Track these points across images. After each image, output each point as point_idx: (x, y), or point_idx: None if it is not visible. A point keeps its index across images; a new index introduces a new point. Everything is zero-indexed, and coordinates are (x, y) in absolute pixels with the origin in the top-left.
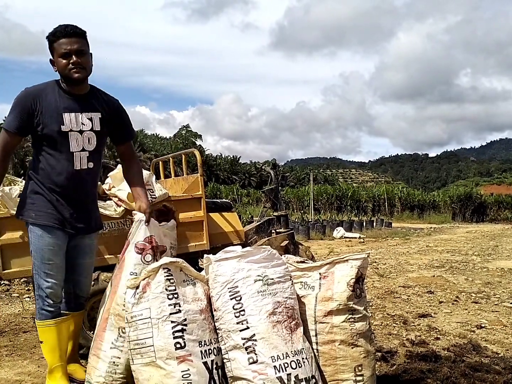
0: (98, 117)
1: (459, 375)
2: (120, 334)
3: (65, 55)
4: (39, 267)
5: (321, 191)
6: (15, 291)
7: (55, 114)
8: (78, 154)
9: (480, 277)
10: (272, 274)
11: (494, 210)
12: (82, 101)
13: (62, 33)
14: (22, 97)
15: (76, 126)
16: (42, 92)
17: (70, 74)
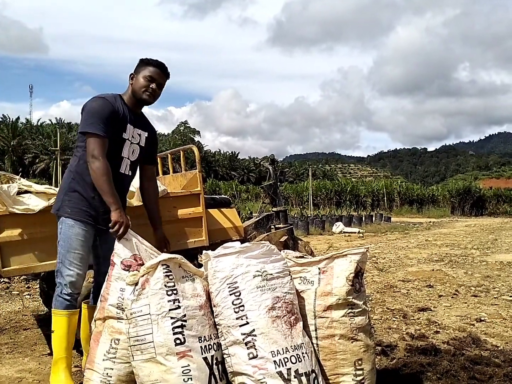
0: (145, 135)
1: (458, 368)
2: (111, 346)
3: (150, 79)
4: (64, 255)
5: (320, 186)
6: (15, 289)
7: (122, 123)
8: (125, 160)
9: (479, 271)
10: (271, 270)
11: (493, 204)
12: (137, 118)
13: (157, 64)
14: (105, 104)
15: (130, 137)
16: (116, 101)
17: (143, 94)
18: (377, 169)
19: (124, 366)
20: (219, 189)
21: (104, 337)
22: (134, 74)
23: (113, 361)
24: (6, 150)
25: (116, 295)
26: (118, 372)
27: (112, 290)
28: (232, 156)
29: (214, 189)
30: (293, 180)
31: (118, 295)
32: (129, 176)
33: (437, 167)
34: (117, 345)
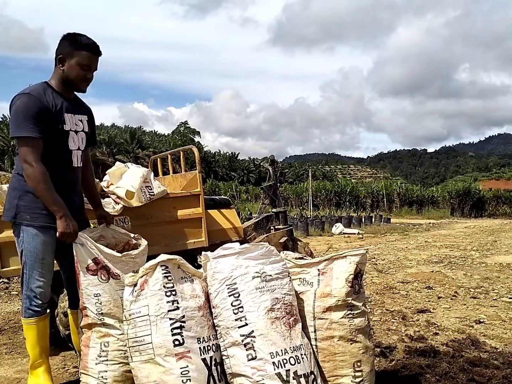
0: (85, 119)
1: (458, 370)
2: (102, 349)
3: (87, 67)
4: (32, 266)
5: (320, 187)
6: (14, 289)
7: (58, 114)
8: (75, 152)
9: (478, 272)
10: (270, 271)
11: (493, 205)
12: (73, 103)
13: (91, 48)
14: (33, 101)
15: (73, 126)
16: (44, 93)
17: (81, 85)
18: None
19: (118, 366)
20: (219, 189)
21: (93, 341)
22: (64, 57)
23: (106, 364)
24: (6, 150)
25: (93, 302)
26: (113, 373)
27: (86, 298)
28: (232, 156)
29: (214, 189)
30: (293, 181)
31: (95, 301)
32: (80, 167)
33: (436, 168)
34: (107, 348)
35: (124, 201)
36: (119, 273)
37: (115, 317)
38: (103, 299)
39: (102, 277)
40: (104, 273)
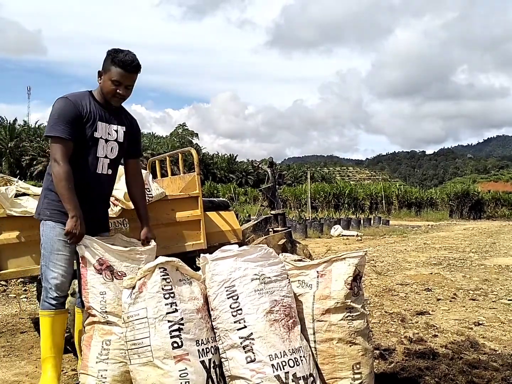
0: (123, 130)
1: (457, 372)
2: (103, 347)
3: (117, 83)
4: (48, 257)
5: (319, 189)
6: (12, 292)
7: (91, 122)
8: (102, 159)
9: (477, 274)
10: (269, 273)
11: (491, 207)
12: (112, 114)
13: (125, 64)
14: (68, 105)
15: (105, 135)
16: (82, 100)
17: (112, 100)
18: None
19: (118, 366)
20: (217, 191)
21: (95, 340)
22: (102, 72)
23: (106, 362)
24: (4, 152)
25: (98, 300)
26: (112, 373)
27: (91, 297)
28: (230, 158)
29: (212, 191)
30: (292, 183)
31: (100, 299)
32: (109, 175)
33: (435, 170)
34: (109, 346)
35: (122, 203)
36: (124, 272)
37: (118, 316)
38: (108, 297)
39: (107, 277)
40: (108, 273)
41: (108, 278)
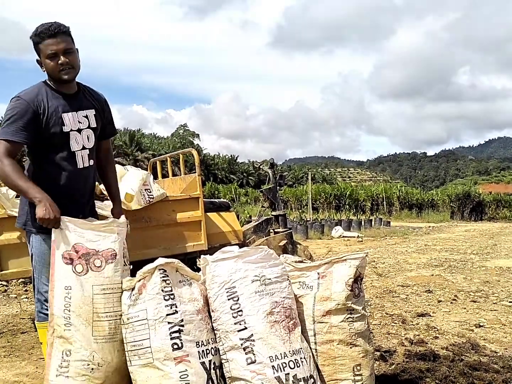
0: (92, 113)
1: (457, 374)
2: (63, 358)
3: (53, 56)
4: (40, 270)
5: (320, 190)
6: (13, 292)
7: (55, 117)
8: (79, 152)
9: (478, 276)
10: (270, 274)
11: (493, 209)
12: (74, 100)
13: (46, 33)
14: (22, 105)
15: (75, 125)
16: (38, 96)
17: (60, 75)
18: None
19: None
20: (218, 192)
21: (55, 349)
22: (39, 58)
23: (66, 376)
24: None
25: (62, 296)
26: None
27: (56, 290)
28: (231, 159)
29: (213, 192)
30: (293, 184)
31: (64, 295)
32: (91, 166)
33: (436, 171)
34: (69, 357)
35: (123, 204)
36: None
37: (82, 318)
38: (73, 292)
39: (77, 268)
40: (82, 263)
41: (79, 271)
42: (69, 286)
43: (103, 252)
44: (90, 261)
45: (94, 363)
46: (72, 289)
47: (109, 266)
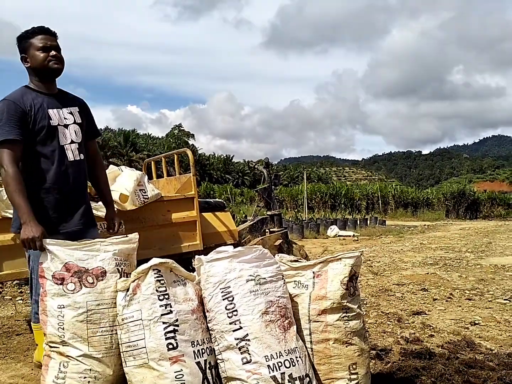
0: (76, 110)
1: (453, 372)
2: (60, 370)
3: (45, 48)
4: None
5: (315, 189)
6: (8, 294)
7: (41, 112)
8: (69, 146)
9: (473, 274)
10: (264, 274)
11: (487, 207)
12: (58, 99)
13: (41, 30)
14: (9, 105)
15: (61, 120)
16: (23, 96)
17: (50, 65)
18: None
19: None
20: (214, 192)
21: (53, 360)
22: (25, 55)
23: None
24: None
25: (55, 314)
26: None
27: (49, 310)
28: (226, 159)
29: (209, 192)
30: (288, 183)
31: (58, 314)
32: (82, 160)
33: (431, 170)
34: (66, 368)
35: (118, 205)
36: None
37: (77, 335)
38: (66, 311)
39: (68, 287)
40: (75, 280)
41: (71, 290)
42: (61, 305)
43: (93, 270)
44: (83, 278)
45: (91, 376)
46: (65, 307)
47: (101, 283)
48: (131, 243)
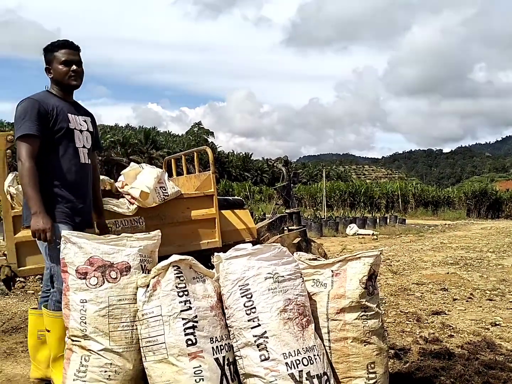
0: (89, 120)
1: (473, 372)
2: (81, 363)
3: (67, 63)
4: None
5: (334, 187)
6: (30, 288)
7: (62, 114)
8: (81, 149)
9: (495, 274)
10: (283, 272)
11: (510, 207)
12: (74, 106)
13: (65, 44)
14: (33, 103)
15: (77, 125)
16: (46, 98)
17: (70, 80)
18: (392, 170)
19: None
20: (232, 190)
21: (75, 354)
22: (49, 66)
23: (83, 381)
24: None
25: (78, 309)
26: None
27: (71, 304)
28: (245, 157)
29: (228, 190)
30: (307, 181)
31: (80, 308)
32: (89, 165)
33: (452, 168)
34: (87, 362)
35: (138, 202)
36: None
37: (98, 329)
38: (88, 305)
39: (91, 282)
40: (98, 275)
41: (94, 284)
42: (84, 299)
43: (117, 265)
44: (106, 273)
45: (111, 370)
46: (87, 302)
47: (124, 278)
48: (154, 239)
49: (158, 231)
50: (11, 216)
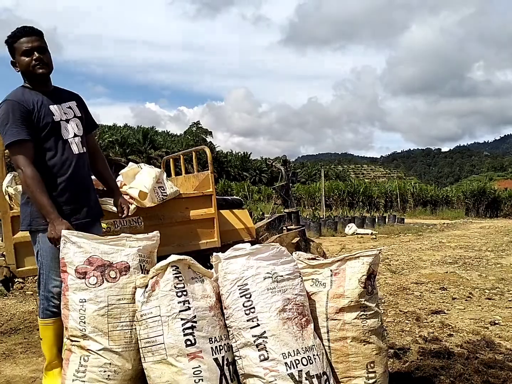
0: (74, 104)
1: (472, 372)
2: (81, 363)
3: (27, 52)
4: (48, 265)
5: (333, 187)
6: (29, 289)
7: (44, 108)
8: (72, 140)
9: (493, 273)
10: (281, 271)
11: (508, 205)
12: (54, 95)
13: (21, 32)
14: (13, 105)
15: (62, 116)
16: (23, 95)
17: (35, 70)
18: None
19: None
20: (231, 190)
21: (74, 354)
22: (13, 59)
23: (82, 381)
24: None
25: (77, 309)
26: None
27: (71, 304)
28: (244, 156)
29: (226, 190)
30: (305, 181)
31: (79, 308)
32: (85, 153)
33: (451, 167)
34: (86, 362)
35: (137, 202)
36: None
37: (98, 329)
38: (88, 305)
39: (90, 281)
40: (97, 274)
41: (93, 284)
42: (83, 299)
43: (117, 264)
44: (105, 273)
45: (110, 370)
46: (87, 301)
47: (123, 278)
48: (153, 240)
49: (157, 232)
50: (9, 216)
